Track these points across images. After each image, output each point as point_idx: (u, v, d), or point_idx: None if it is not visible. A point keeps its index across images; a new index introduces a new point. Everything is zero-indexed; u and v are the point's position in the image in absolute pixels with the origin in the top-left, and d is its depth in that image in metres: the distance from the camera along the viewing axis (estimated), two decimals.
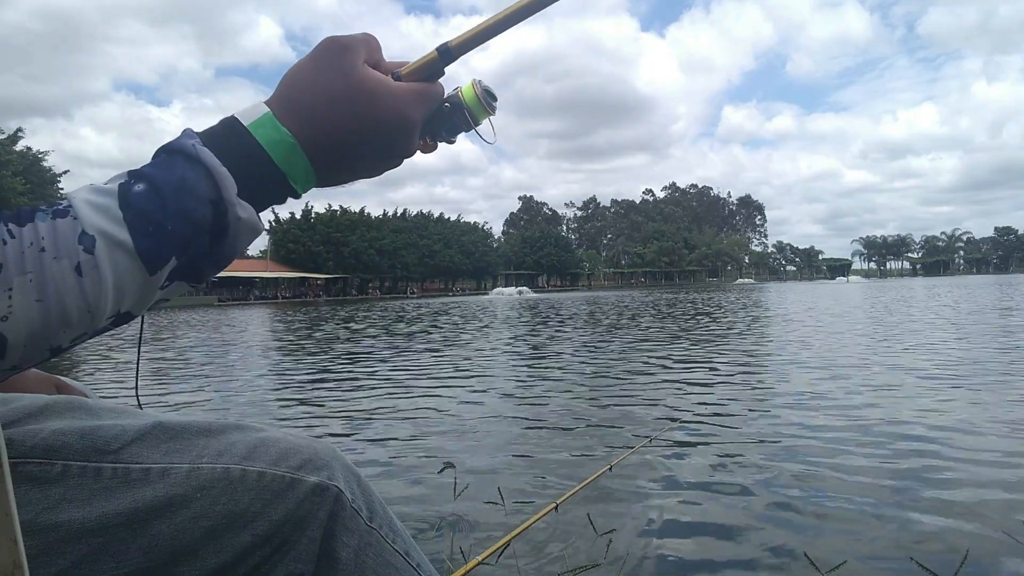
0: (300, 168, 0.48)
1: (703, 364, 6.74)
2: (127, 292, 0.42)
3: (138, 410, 0.67)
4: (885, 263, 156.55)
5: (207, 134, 0.47)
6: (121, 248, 0.41)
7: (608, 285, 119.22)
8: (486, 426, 4.13)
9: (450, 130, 0.56)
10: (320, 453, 0.63)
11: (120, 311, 0.43)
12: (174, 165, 0.44)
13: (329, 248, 73.80)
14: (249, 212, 0.46)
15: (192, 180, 0.43)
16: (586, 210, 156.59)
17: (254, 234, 0.48)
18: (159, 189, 0.43)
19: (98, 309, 0.41)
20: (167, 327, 18.78)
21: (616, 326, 13.06)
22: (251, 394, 5.85)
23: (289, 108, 0.48)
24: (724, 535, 2.27)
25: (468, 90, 0.55)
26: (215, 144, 0.46)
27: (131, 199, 0.42)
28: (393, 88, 0.50)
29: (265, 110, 0.48)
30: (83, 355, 10.30)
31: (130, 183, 0.43)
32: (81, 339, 0.43)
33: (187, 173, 0.44)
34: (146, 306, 0.45)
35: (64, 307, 0.40)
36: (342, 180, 0.53)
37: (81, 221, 0.40)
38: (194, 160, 0.44)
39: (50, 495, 0.53)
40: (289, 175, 0.48)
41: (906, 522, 2.31)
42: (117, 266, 0.41)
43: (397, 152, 0.52)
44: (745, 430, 3.74)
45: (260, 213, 0.49)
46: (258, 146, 0.47)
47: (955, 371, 5.61)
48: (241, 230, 0.46)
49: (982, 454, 3.08)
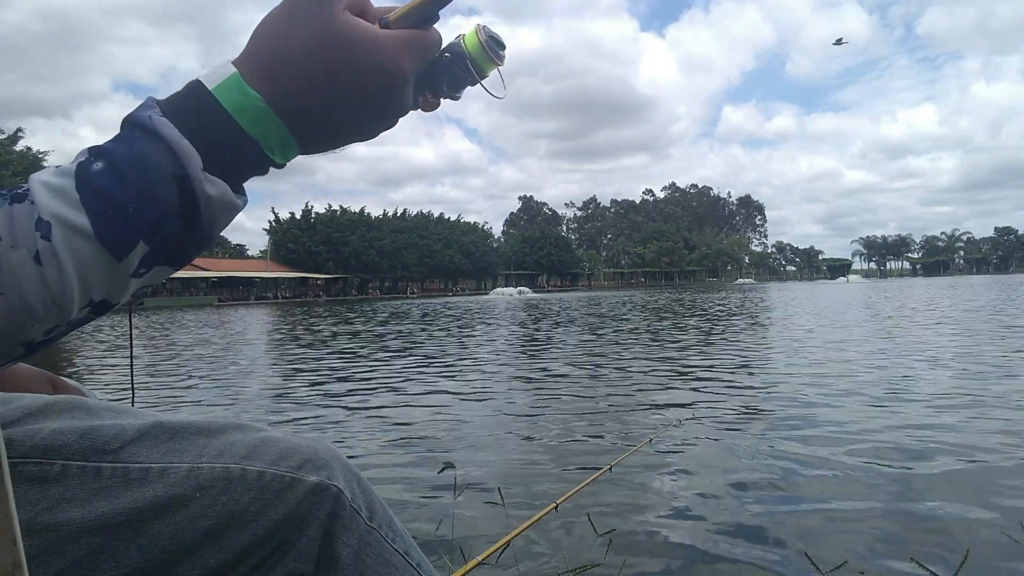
0: (275, 134, 0.43)
1: (703, 364, 6.73)
2: (94, 281, 0.39)
3: (137, 410, 0.67)
4: (885, 263, 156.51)
5: (170, 101, 0.42)
6: (79, 234, 0.38)
7: (608, 285, 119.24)
8: (486, 426, 4.13)
9: (452, 84, 0.51)
10: (320, 453, 0.62)
11: (93, 300, 0.40)
12: (134, 139, 0.40)
13: (329, 248, 73.81)
14: (221, 188, 0.42)
15: (153, 155, 0.39)
16: (586, 210, 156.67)
17: (231, 211, 0.43)
18: (118, 167, 0.39)
19: (64, 300, 0.38)
20: (167, 327, 18.78)
21: (616, 326, 13.06)
22: (250, 394, 5.85)
23: (259, 66, 0.43)
24: (724, 535, 2.27)
25: (471, 37, 0.49)
26: (178, 113, 0.41)
27: (89, 179, 0.38)
28: (379, 36, 0.44)
29: (232, 71, 0.42)
30: (84, 355, 10.30)
31: (89, 161, 0.39)
32: (56, 332, 0.40)
33: (146, 148, 0.39)
34: (125, 294, 0.42)
35: (26, 299, 0.37)
36: (329, 145, 0.47)
37: (38, 206, 0.37)
38: (152, 133, 0.40)
39: (49, 495, 0.52)
40: (263, 143, 0.43)
41: (906, 522, 2.31)
42: (77, 253, 0.38)
43: (388, 110, 0.47)
44: (745, 430, 3.74)
45: (242, 185, 0.45)
46: (224, 112, 0.42)
47: (956, 372, 5.61)
48: (214, 208, 0.41)
49: (982, 454, 3.08)
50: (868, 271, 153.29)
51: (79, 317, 0.41)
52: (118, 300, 0.42)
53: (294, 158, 0.47)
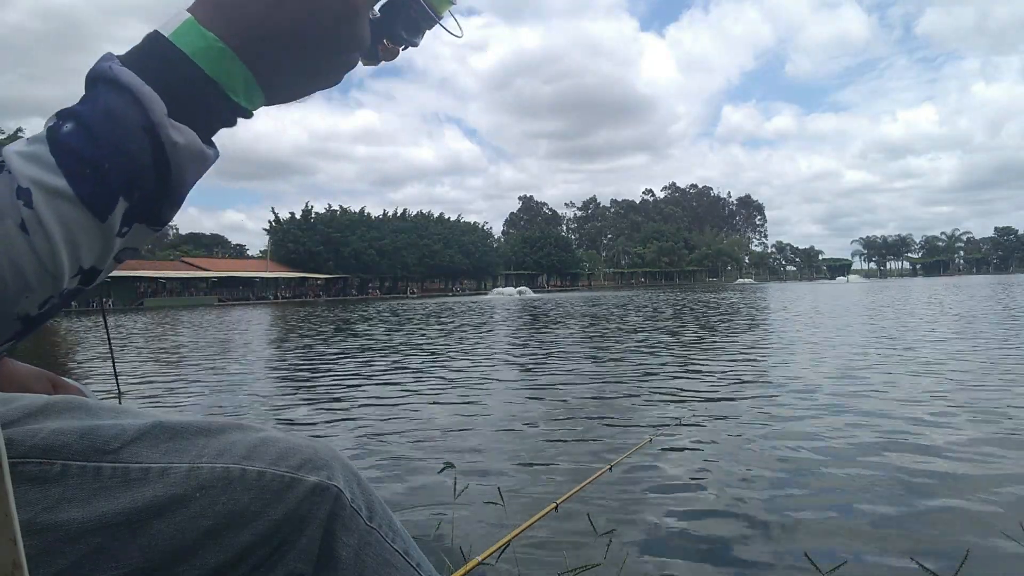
0: (237, 76, 0.43)
1: (703, 364, 6.74)
2: (82, 244, 0.39)
3: (137, 410, 0.67)
4: (885, 263, 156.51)
5: (130, 54, 0.42)
6: (61, 196, 0.38)
7: (608, 285, 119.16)
8: (486, 426, 4.13)
9: (409, 28, 0.50)
10: (320, 453, 0.63)
11: (83, 267, 0.40)
12: (98, 95, 0.40)
13: (329, 248, 73.83)
14: (188, 136, 0.42)
15: (119, 107, 0.39)
16: (586, 210, 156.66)
17: (200, 161, 0.43)
18: (88, 125, 0.39)
19: (56, 267, 0.38)
20: (166, 327, 18.78)
21: (616, 326, 13.05)
22: (250, 394, 5.85)
23: (212, 6, 0.43)
24: (724, 535, 2.27)
25: None
26: (138, 63, 0.41)
27: (61, 141, 0.39)
28: None
29: (187, 16, 0.43)
30: (84, 355, 10.31)
31: (59, 124, 0.39)
32: (51, 305, 0.40)
33: (112, 100, 0.39)
34: (109, 257, 0.42)
35: (19, 269, 0.37)
36: (293, 89, 0.47)
37: (15, 175, 0.37)
38: (115, 83, 0.40)
39: (49, 495, 0.52)
40: (226, 85, 0.43)
41: (906, 522, 2.31)
42: (62, 217, 0.38)
43: (343, 44, 0.46)
44: (745, 430, 3.74)
45: (211, 139, 0.45)
46: (184, 57, 0.42)
47: (956, 372, 5.61)
48: (182, 157, 0.41)
49: (982, 455, 3.09)
50: (868, 271, 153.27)
51: (71, 288, 0.41)
52: (103, 266, 0.42)
53: (261, 106, 0.47)
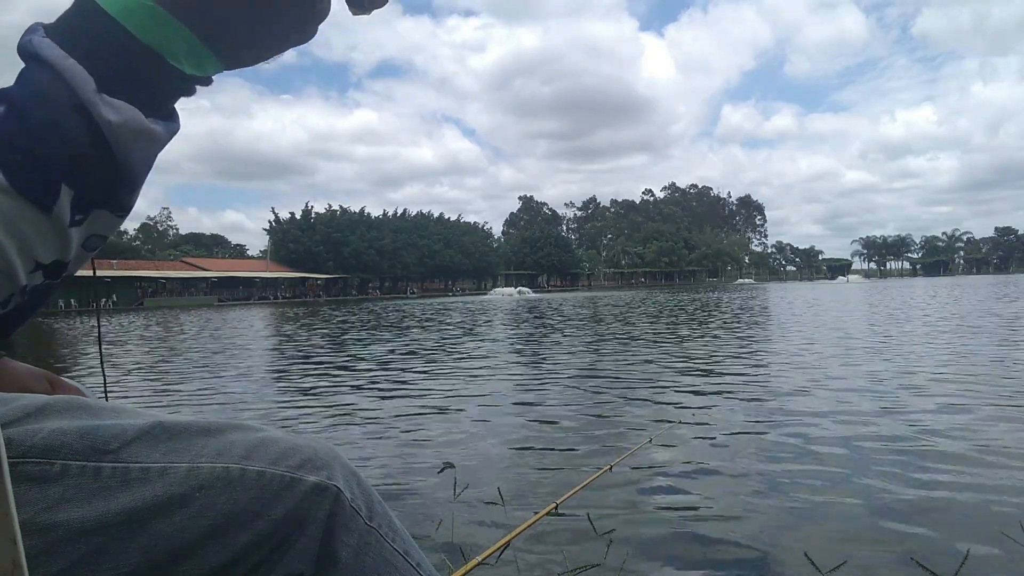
0: (178, 39, 0.38)
1: (703, 364, 6.74)
2: (30, 239, 0.36)
3: (137, 410, 0.67)
4: (885, 263, 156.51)
5: (57, 21, 0.37)
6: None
7: (608, 285, 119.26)
8: (486, 426, 4.13)
9: None
10: (320, 453, 0.62)
11: (41, 262, 0.37)
12: (27, 72, 0.36)
13: (329, 248, 73.90)
14: (126, 113, 0.37)
15: (46, 86, 0.35)
16: (586, 210, 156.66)
17: (146, 138, 0.38)
18: (18, 108, 0.35)
19: (6, 264, 0.35)
20: (165, 327, 18.78)
21: (616, 326, 13.06)
22: (250, 394, 5.85)
23: None
24: (724, 535, 2.27)
25: None
26: (64, 32, 0.36)
27: None
28: None
29: None
30: (83, 355, 10.30)
31: None
32: (14, 302, 0.37)
33: (38, 78, 0.35)
34: (71, 249, 0.38)
35: None
36: (254, 48, 0.41)
37: None
38: (36, 57, 0.35)
39: (49, 495, 0.52)
40: (165, 51, 0.37)
41: (906, 522, 2.31)
42: (2, 212, 0.34)
43: None
44: (745, 431, 3.74)
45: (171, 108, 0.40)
46: (112, 21, 0.36)
47: (956, 373, 5.61)
48: (120, 136, 0.37)
49: (982, 455, 3.09)
50: (868, 271, 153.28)
51: (38, 284, 0.38)
52: (69, 256, 0.39)
53: (219, 70, 0.41)
